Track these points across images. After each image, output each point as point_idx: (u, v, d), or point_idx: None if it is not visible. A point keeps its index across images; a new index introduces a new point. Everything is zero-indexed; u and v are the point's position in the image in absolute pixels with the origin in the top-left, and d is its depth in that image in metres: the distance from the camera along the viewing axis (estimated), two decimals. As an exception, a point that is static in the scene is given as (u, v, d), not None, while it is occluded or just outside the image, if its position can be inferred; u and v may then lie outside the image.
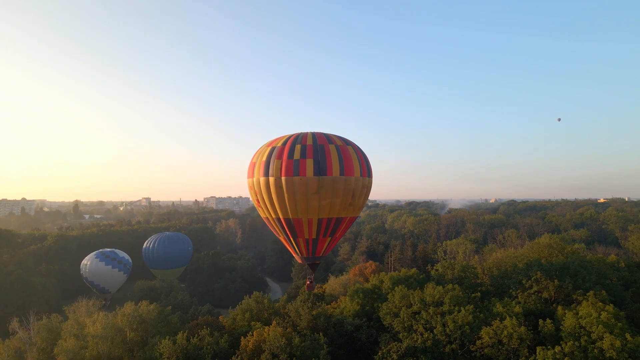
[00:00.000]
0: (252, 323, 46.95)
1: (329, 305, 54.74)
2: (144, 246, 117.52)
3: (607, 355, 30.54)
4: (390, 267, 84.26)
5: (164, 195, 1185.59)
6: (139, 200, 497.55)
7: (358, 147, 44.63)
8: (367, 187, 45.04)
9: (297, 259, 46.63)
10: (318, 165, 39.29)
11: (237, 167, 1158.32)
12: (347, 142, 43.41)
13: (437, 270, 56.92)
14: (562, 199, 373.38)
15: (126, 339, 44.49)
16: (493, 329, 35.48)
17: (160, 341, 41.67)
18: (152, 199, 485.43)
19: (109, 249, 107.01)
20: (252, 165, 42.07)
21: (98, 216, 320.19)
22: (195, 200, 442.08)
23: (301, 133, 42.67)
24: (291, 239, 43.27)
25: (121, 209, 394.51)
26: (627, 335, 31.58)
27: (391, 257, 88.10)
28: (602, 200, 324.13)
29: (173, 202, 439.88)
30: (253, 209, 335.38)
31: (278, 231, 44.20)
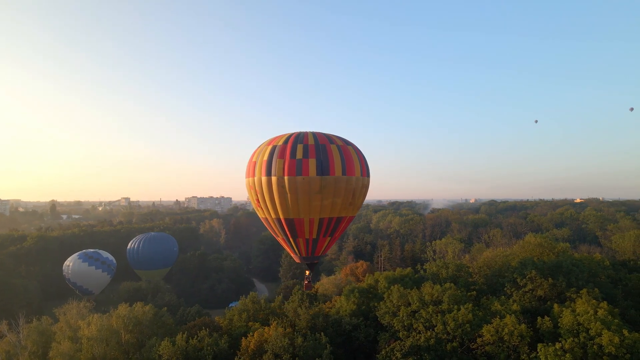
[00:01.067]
0: (250, 324, 46.76)
1: (324, 305, 54.80)
2: (129, 247, 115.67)
3: (606, 351, 31.37)
4: (380, 267, 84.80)
5: (144, 195, 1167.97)
6: (118, 200, 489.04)
7: (356, 147, 44.86)
8: (366, 187, 45.36)
9: (295, 259, 46.53)
10: (321, 165, 39.36)
11: (218, 167, 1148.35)
12: (347, 142, 43.64)
13: (429, 269, 57.59)
14: (540, 199, 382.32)
15: (121, 341, 43.73)
16: (494, 327, 36.06)
17: (157, 343, 41.10)
18: (131, 199, 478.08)
19: (92, 250, 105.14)
20: (253, 165, 41.79)
21: (76, 216, 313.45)
22: (176, 200, 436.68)
23: (301, 132, 42.63)
24: (291, 239, 43.15)
25: (100, 209, 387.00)
26: (625, 332, 32.53)
27: (381, 256, 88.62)
28: (578, 200, 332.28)
29: (153, 202, 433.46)
30: (236, 209, 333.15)
31: (277, 231, 44.03)
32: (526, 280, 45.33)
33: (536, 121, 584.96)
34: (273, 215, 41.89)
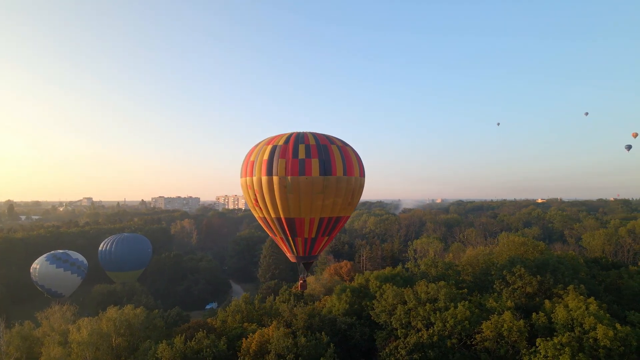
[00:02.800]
0: (245, 324, 46.29)
1: (317, 305, 54.86)
2: (100, 248, 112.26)
3: (601, 344, 32.87)
4: (362, 267, 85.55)
5: (107, 195, 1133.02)
6: (80, 200, 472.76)
7: (353, 148, 45.26)
8: (362, 187, 45.77)
9: (291, 258, 46.30)
10: (323, 165, 39.43)
11: (185, 166, 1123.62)
12: (344, 143, 43.96)
13: (417, 267, 58.67)
14: (503, 199, 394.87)
15: (112, 345, 42.36)
16: (493, 323, 37.12)
17: (152, 346, 40.13)
18: (94, 199, 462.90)
19: (61, 251, 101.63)
20: (251, 164, 41.30)
21: (35, 217, 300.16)
22: (142, 200, 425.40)
23: (299, 132, 42.57)
24: (290, 238, 42.95)
25: (61, 209, 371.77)
26: (617, 325, 34.20)
27: (363, 256, 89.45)
28: (540, 201, 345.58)
29: (118, 202, 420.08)
30: (205, 209, 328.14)
31: (275, 231, 43.69)
32: (515, 277, 46.84)
33: (498, 124, 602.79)
34: (273, 215, 41.58)
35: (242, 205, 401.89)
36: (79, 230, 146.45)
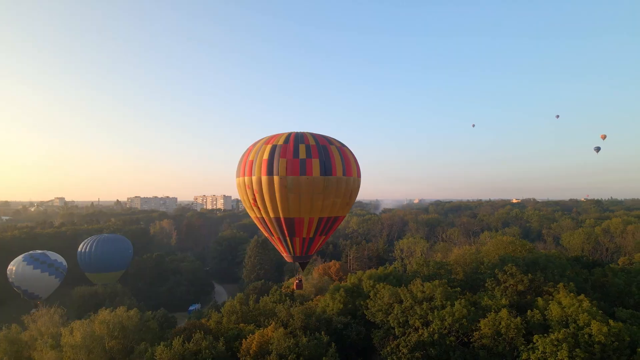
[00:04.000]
0: (241, 325, 45.92)
1: (310, 304, 54.81)
2: (80, 249, 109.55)
3: (596, 339, 33.89)
4: (350, 266, 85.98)
5: (79, 195, 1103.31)
6: (52, 200, 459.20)
7: (349, 148, 45.56)
8: (359, 187, 46.14)
9: (287, 258, 46.31)
10: (324, 165, 39.61)
11: (162, 166, 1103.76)
12: (342, 144, 44.24)
13: (407, 267, 59.30)
14: (479, 199, 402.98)
15: (105, 347, 41.37)
16: (491, 321, 37.83)
17: (148, 349, 39.43)
18: (66, 199, 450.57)
19: (39, 251, 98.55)
20: (250, 163, 41.08)
21: (5, 217, 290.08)
22: (117, 200, 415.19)
23: (298, 132, 42.62)
24: (288, 238, 42.93)
25: (32, 209, 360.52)
26: (611, 321, 35.32)
27: (350, 256, 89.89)
28: (515, 201, 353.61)
29: (92, 203, 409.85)
30: (184, 209, 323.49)
31: (272, 231, 43.57)
32: (507, 275, 47.84)
33: (473, 125, 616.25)
34: (272, 215, 41.45)
35: (220, 205, 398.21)
36: (55, 231, 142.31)
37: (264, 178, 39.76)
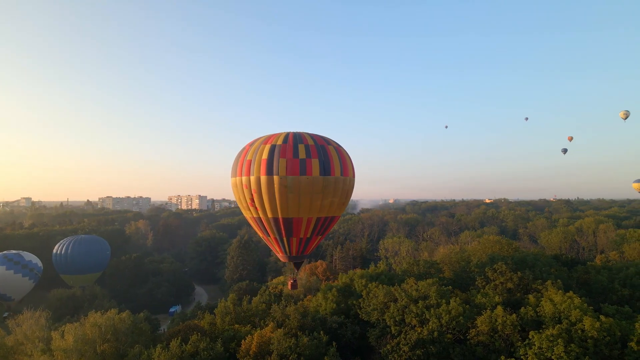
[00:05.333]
0: (236, 326, 45.50)
1: (304, 304, 54.77)
2: (55, 250, 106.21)
3: (589, 335, 35.06)
4: (335, 266, 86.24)
5: (46, 195, 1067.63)
6: (17, 200, 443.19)
7: (344, 149, 45.79)
8: (353, 187, 46.39)
9: (283, 258, 46.09)
10: (323, 165, 39.67)
11: (134, 166, 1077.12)
12: (338, 144, 44.40)
13: (397, 267, 59.92)
14: (452, 199, 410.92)
15: (97, 351, 40.24)
16: (487, 318, 38.65)
17: (143, 351, 38.62)
18: (33, 199, 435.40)
19: (13, 252, 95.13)
20: (248, 163, 40.71)
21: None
22: (88, 200, 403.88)
23: (295, 132, 42.54)
24: (285, 238, 42.74)
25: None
26: (602, 317, 36.60)
27: (334, 256, 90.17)
28: (488, 201, 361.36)
29: (61, 203, 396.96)
30: (158, 209, 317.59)
31: (269, 231, 43.28)
32: (497, 274, 48.93)
33: (446, 126, 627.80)
34: (270, 215, 41.17)
35: (196, 206, 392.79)
36: (27, 232, 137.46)
37: (263, 178, 39.49)
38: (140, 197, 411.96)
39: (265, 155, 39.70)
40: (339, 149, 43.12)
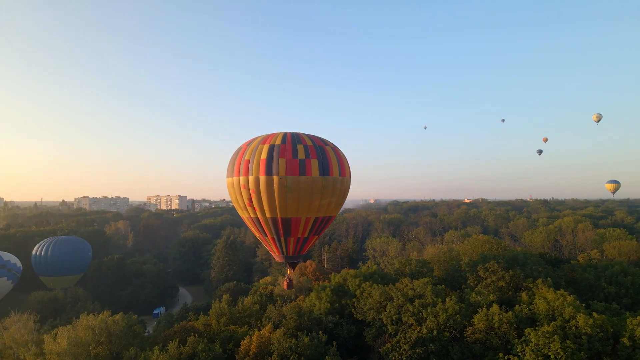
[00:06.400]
0: (232, 327, 45.11)
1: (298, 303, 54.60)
2: (34, 252, 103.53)
3: (583, 331, 36.01)
4: (323, 266, 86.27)
5: (18, 195, 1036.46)
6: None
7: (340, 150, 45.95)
8: (349, 187, 46.52)
9: (279, 258, 45.89)
10: (322, 165, 39.72)
11: (111, 166, 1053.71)
12: (334, 145, 44.51)
13: (389, 266, 60.32)
14: (431, 199, 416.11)
15: (91, 354, 39.32)
16: (484, 316, 39.27)
17: (139, 354, 37.96)
18: (4, 199, 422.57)
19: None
20: (246, 163, 40.37)
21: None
22: (63, 200, 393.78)
23: (293, 133, 42.43)
24: (282, 238, 42.58)
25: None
26: (594, 314, 37.61)
27: (323, 256, 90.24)
28: (467, 201, 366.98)
29: (35, 203, 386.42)
30: (137, 209, 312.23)
31: (267, 231, 43.01)
32: (489, 273, 49.77)
33: (425, 127, 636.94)
34: (269, 215, 40.94)
35: (175, 206, 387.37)
36: (3, 233, 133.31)
37: (262, 178, 39.25)
38: (118, 197, 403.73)
39: (264, 155, 39.48)
40: (336, 149, 43.29)
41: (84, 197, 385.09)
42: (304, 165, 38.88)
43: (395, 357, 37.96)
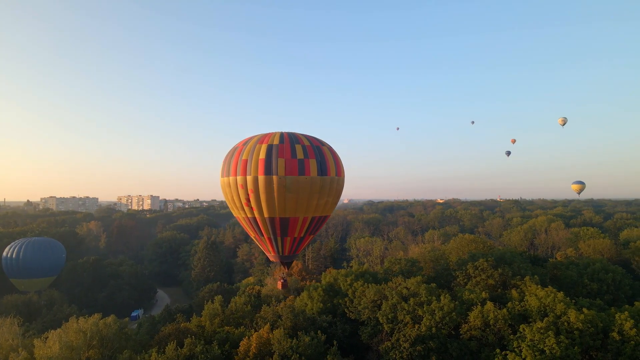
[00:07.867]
0: (227, 328, 44.56)
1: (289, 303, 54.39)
2: (5, 254, 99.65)
3: (575, 326, 37.25)
4: (308, 266, 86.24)
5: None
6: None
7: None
8: (343, 186, 46.78)
9: (273, 258, 45.71)
10: (320, 165, 39.79)
11: (79, 165, 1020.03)
12: (329, 145, 44.70)
13: (379, 266, 60.83)
14: (405, 199, 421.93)
15: (82, 358, 38.12)
16: (479, 313, 40.10)
17: (132, 357, 37.07)
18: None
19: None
20: (244, 163, 40.00)
21: None
22: (28, 200, 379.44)
23: (290, 133, 42.38)
24: (279, 237, 42.42)
25: None
26: (584, 310, 38.94)
27: (307, 256, 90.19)
28: (440, 200, 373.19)
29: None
30: (107, 210, 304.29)
31: (263, 231, 42.76)
32: (478, 271, 50.87)
33: (397, 128, 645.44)
34: (266, 215, 40.70)
35: (147, 206, 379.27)
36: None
37: (261, 177, 38.98)
38: (87, 197, 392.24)
39: (262, 155, 39.21)
40: (331, 149, 43.53)
41: (51, 197, 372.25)
42: (303, 165, 38.88)
43: (396, 355, 38.32)
